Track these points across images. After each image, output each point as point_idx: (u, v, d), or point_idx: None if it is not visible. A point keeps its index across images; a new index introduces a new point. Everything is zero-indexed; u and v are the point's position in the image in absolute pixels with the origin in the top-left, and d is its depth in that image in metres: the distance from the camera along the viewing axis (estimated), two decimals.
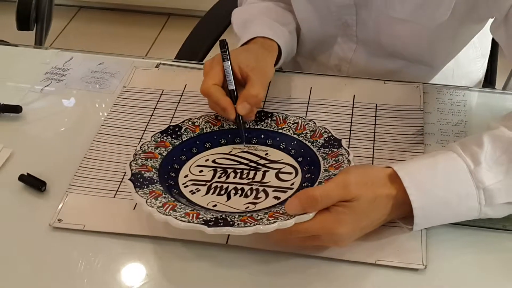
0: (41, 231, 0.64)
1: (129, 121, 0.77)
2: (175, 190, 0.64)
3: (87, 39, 2.33)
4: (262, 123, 0.71)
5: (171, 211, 0.58)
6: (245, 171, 0.66)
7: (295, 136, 0.68)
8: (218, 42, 0.73)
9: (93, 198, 0.67)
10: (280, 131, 0.69)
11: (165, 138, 0.70)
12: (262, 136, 0.70)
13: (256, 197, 0.62)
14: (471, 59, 0.93)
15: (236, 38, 0.87)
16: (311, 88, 0.80)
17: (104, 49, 0.97)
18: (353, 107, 0.76)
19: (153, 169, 0.65)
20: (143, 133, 0.75)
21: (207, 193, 0.63)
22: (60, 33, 2.38)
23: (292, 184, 0.63)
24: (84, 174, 0.70)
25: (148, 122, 0.77)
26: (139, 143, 0.70)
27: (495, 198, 0.55)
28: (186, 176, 0.66)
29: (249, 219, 0.56)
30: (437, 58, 0.84)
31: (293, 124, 0.70)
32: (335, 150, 0.64)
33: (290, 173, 0.65)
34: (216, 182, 0.65)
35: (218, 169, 0.67)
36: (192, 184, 0.65)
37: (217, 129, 0.71)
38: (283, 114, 0.71)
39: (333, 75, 0.84)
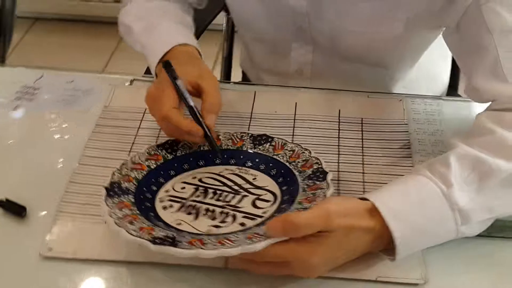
0: (29, 261, 0.61)
1: (113, 142, 0.75)
2: (148, 204, 0.63)
3: (44, 52, 2.26)
4: (261, 147, 0.70)
5: (127, 224, 0.57)
6: (224, 193, 0.65)
7: (286, 164, 0.67)
8: (162, 64, 0.70)
9: (83, 224, 0.64)
10: (275, 157, 0.68)
11: (159, 151, 0.69)
12: (257, 160, 0.69)
13: (222, 221, 0.61)
14: (434, 62, 0.95)
15: (137, 45, 0.83)
16: (296, 103, 0.80)
17: (62, 62, 0.95)
18: (339, 122, 0.77)
19: (134, 180, 0.65)
20: (129, 154, 0.73)
21: (178, 210, 0.63)
22: (16, 46, 2.31)
23: (264, 212, 0.61)
24: (71, 199, 0.67)
25: (133, 143, 0.75)
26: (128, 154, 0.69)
27: (470, 218, 0.56)
28: (167, 191, 0.65)
29: (196, 242, 0.55)
30: (395, 63, 0.86)
31: (289, 151, 0.68)
32: (317, 182, 0.62)
33: (268, 201, 0.63)
34: (192, 200, 0.64)
35: (200, 188, 0.66)
36: (169, 200, 0.64)
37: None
38: (283, 140, 0.70)
39: (316, 88, 0.84)
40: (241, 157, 0.70)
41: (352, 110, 0.78)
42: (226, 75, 1.18)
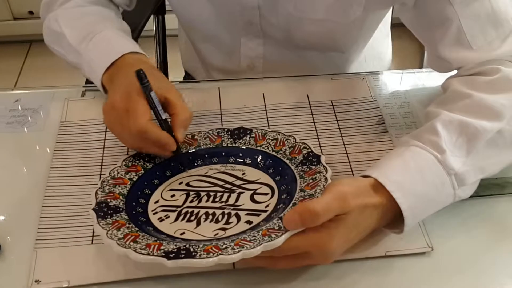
0: None
1: (81, 158, 0.70)
2: (142, 218, 0.60)
3: None
4: (241, 140, 0.68)
5: (131, 243, 0.53)
6: (218, 194, 0.62)
7: (273, 153, 0.65)
8: (135, 74, 0.63)
9: (69, 249, 0.60)
10: (259, 148, 0.66)
11: (137, 162, 0.65)
12: (240, 154, 0.67)
13: (227, 222, 0.58)
14: (379, 41, 0.97)
15: (70, 55, 0.77)
16: (263, 94, 0.78)
17: None
18: (310, 107, 0.76)
19: (121, 196, 0.60)
20: (101, 167, 0.69)
21: (176, 219, 0.59)
22: None
23: (267, 206, 0.60)
24: (49, 225, 0.62)
25: (103, 156, 0.70)
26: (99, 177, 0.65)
27: (466, 180, 0.58)
28: (156, 202, 0.62)
29: (213, 248, 0.52)
30: (348, 45, 0.87)
31: (272, 140, 0.67)
32: (313, 167, 0.61)
33: (266, 194, 0.61)
34: (187, 207, 0.61)
35: (191, 193, 0.63)
36: (162, 211, 0.60)
37: (193, 149, 0.67)
38: (263, 130, 0.68)
39: (280, 76, 0.83)
40: (223, 153, 0.67)
41: (320, 94, 0.78)
42: None
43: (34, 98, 0.80)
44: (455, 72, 0.71)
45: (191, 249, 0.52)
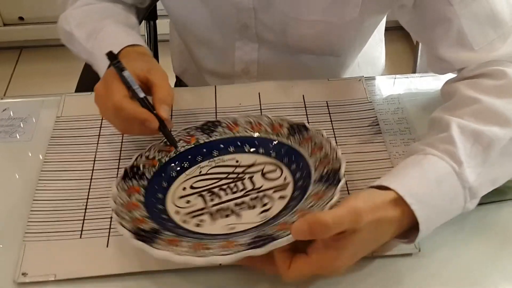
0: None
1: (74, 153, 0.70)
2: (179, 230, 0.58)
3: None
4: (215, 133, 0.68)
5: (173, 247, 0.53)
6: (231, 185, 0.63)
7: (255, 134, 0.67)
8: (105, 55, 0.65)
9: (58, 243, 0.60)
10: (237, 134, 0.67)
11: (130, 183, 0.62)
12: (221, 145, 0.67)
13: (264, 205, 0.59)
14: (373, 46, 0.96)
15: (82, 53, 0.79)
16: (259, 93, 0.78)
17: None
18: (305, 107, 0.76)
19: (147, 219, 0.59)
20: (94, 163, 0.69)
21: (214, 220, 0.59)
22: None
23: (285, 178, 0.62)
24: (38, 218, 0.62)
25: (96, 151, 0.71)
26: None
27: (478, 193, 0.57)
28: (177, 212, 0.60)
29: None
30: (344, 49, 0.86)
31: (246, 123, 0.68)
32: (305, 134, 0.64)
33: (274, 170, 0.63)
34: (213, 205, 0.61)
35: (204, 193, 0.62)
36: (193, 217, 0.59)
37: (174, 154, 0.67)
38: (232, 117, 0.69)
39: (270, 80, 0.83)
40: (204, 150, 0.68)
41: (316, 95, 0.78)
42: None
43: (23, 107, 0.79)
44: (454, 75, 0.70)
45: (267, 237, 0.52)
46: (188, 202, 0.62)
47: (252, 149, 0.66)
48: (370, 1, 0.75)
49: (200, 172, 0.65)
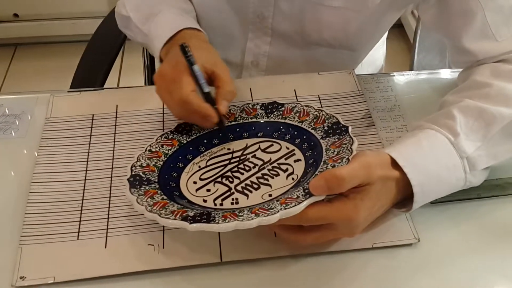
0: None
1: (66, 154, 0.69)
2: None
3: None
4: (194, 131, 0.69)
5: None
6: (240, 166, 0.64)
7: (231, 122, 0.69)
8: (179, 47, 0.66)
9: (55, 245, 0.59)
10: (233, 122, 0.69)
11: (143, 188, 0.60)
12: (205, 140, 0.68)
13: (285, 170, 0.62)
14: (376, 47, 0.97)
15: (138, 36, 0.82)
16: (250, 89, 0.78)
17: None
18: (297, 101, 0.76)
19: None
20: (87, 163, 0.68)
21: (246, 195, 0.60)
22: None
23: (288, 147, 0.65)
24: (34, 222, 0.61)
25: (89, 151, 0.70)
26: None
27: (477, 165, 0.59)
28: (205, 201, 0.60)
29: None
30: (361, 43, 0.86)
31: (241, 111, 0.70)
32: (282, 108, 0.68)
33: (271, 145, 0.66)
34: (237, 185, 0.61)
35: (220, 179, 0.63)
36: (223, 200, 0.60)
37: (165, 158, 0.66)
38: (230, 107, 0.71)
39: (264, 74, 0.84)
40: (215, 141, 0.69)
41: (307, 89, 0.78)
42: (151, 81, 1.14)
43: (17, 104, 0.78)
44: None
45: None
46: (208, 190, 0.62)
47: (235, 135, 0.68)
48: None
49: (200, 166, 0.65)
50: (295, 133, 0.66)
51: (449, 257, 0.58)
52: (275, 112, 0.69)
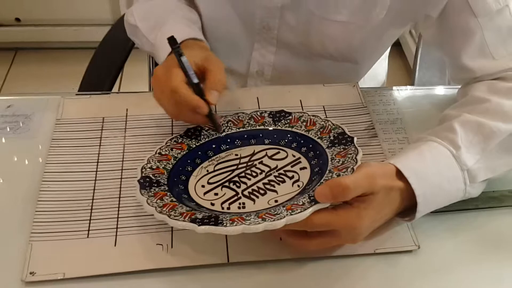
0: None
1: (77, 155, 0.71)
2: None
3: None
4: (202, 136, 0.70)
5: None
6: (247, 172, 0.65)
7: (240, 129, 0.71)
8: (167, 41, 0.68)
9: (64, 243, 0.60)
10: (241, 129, 0.71)
11: (152, 190, 0.62)
12: (213, 145, 0.70)
13: (291, 178, 0.63)
14: (378, 62, 0.98)
15: (145, 46, 0.84)
16: (257, 98, 0.80)
17: None
18: (304, 111, 0.78)
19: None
20: (97, 164, 0.70)
21: (253, 200, 0.62)
22: None
23: (294, 155, 0.67)
24: (44, 219, 0.63)
25: (99, 153, 0.71)
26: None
27: (477, 177, 0.61)
28: (213, 204, 0.62)
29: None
30: (364, 57, 0.89)
31: (228, 122, 0.72)
32: (289, 117, 0.70)
33: (278, 152, 0.68)
34: (244, 190, 0.63)
35: (228, 184, 0.64)
36: (230, 204, 0.61)
37: (174, 161, 0.67)
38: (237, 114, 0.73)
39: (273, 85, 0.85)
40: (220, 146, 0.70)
41: (313, 100, 0.80)
42: None
43: (27, 104, 0.80)
44: None
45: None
46: (216, 194, 0.63)
47: (243, 142, 0.70)
48: (396, 7, 0.77)
49: (208, 170, 0.67)
50: (302, 141, 0.68)
51: (448, 264, 0.60)
52: (283, 121, 0.71)
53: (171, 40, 0.68)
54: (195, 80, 0.67)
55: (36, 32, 2.21)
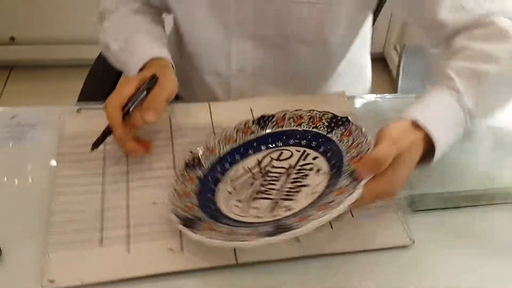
0: None
1: (83, 168, 0.74)
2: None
3: None
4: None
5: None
6: (266, 182, 0.69)
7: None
8: (137, 66, 0.77)
9: (80, 251, 0.63)
10: (234, 145, 0.75)
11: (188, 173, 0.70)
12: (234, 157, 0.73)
13: (302, 183, 0.67)
14: (361, 53, 1.05)
15: (117, 64, 0.89)
16: (250, 108, 0.84)
17: None
18: (284, 109, 0.81)
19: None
20: (102, 177, 0.73)
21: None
22: None
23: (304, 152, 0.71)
24: (59, 229, 0.66)
25: (104, 165, 0.75)
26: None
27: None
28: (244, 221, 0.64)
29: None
30: (338, 39, 0.92)
31: (236, 132, 0.76)
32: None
33: (281, 153, 0.72)
34: (279, 197, 0.66)
35: (258, 195, 0.68)
36: (276, 210, 0.64)
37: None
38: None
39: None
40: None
41: (307, 108, 0.84)
42: None
43: (32, 115, 0.83)
44: None
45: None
46: (256, 208, 0.66)
47: (242, 155, 0.74)
48: None
49: (229, 191, 0.69)
50: (297, 136, 0.72)
51: (441, 262, 0.65)
52: (269, 124, 0.75)
53: (154, 77, 0.75)
54: (130, 109, 0.72)
55: (31, 50, 2.22)
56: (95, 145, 0.73)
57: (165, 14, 0.99)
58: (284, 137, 0.73)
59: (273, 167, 0.70)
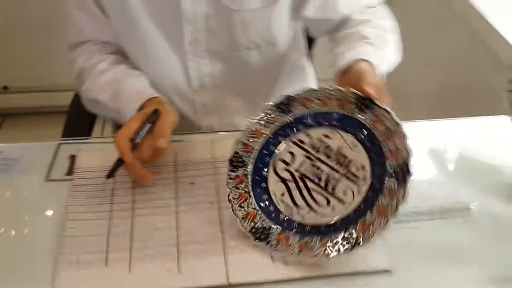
0: None
1: (93, 198, 0.82)
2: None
3: None
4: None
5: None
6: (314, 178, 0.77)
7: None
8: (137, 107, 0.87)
9: (87, 271, 0.70)
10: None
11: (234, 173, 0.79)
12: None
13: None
14: (299, 63, 1.12)
15: (109, 113, 0.96)
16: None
17: None
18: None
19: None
20: (110, 205, 0.80)
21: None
22: None
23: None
24: (68, 251, 0.73)
25: (113, 195, 0.82)
26: None
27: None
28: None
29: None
30: (282, 36, 1.01)
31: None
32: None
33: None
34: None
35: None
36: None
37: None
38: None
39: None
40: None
41: None
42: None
43: (16, 150, 0.92)
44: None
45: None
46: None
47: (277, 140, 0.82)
48: None
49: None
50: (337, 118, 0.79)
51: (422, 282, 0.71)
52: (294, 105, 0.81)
53: (155, 111, 0.84)
54: (138, 141, 0.81)
55: (23, 98, 2.26)
56: (110, 174, 0.81)
57: None
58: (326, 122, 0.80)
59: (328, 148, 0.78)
